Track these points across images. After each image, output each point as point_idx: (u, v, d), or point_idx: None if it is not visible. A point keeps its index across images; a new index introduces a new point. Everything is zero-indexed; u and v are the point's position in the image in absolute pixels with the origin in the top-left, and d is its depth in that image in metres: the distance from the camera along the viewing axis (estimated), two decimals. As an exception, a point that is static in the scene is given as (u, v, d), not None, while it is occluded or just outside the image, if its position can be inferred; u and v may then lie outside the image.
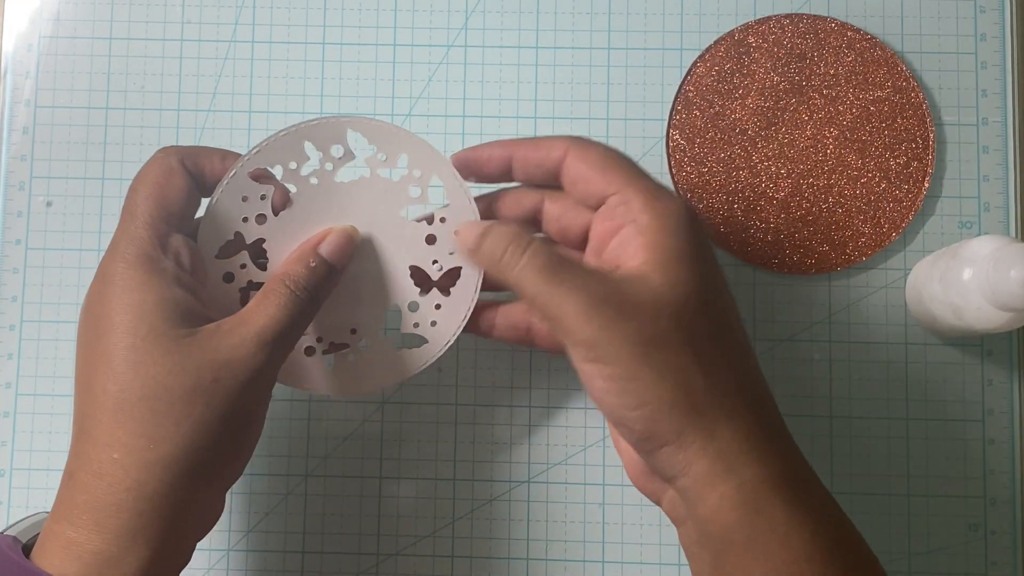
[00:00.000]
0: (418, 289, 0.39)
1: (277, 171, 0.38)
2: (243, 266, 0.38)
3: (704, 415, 0.32)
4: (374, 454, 0.45)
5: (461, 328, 0.39)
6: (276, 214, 0.38)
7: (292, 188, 0.38)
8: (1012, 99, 0.46)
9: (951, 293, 0.40)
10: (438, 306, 0.39)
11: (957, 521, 0.44)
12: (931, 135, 0.46)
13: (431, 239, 0.39)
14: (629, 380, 0.32)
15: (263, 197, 0.37)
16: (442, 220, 0.38)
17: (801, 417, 0.45)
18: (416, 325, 0.39)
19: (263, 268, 0.38)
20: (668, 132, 0.46)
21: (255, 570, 0.45)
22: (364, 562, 0.45)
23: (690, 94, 0.46)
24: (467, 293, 0.39)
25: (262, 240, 0.38)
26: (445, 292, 0.39)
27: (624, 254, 0.34)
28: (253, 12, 0.48)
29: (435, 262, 0.39)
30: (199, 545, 0.38)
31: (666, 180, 0.46)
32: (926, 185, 0.46)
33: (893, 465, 0.45)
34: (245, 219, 0.38)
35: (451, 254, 0.39)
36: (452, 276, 0.39)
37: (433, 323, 0.39)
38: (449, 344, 0.39)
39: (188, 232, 0.37)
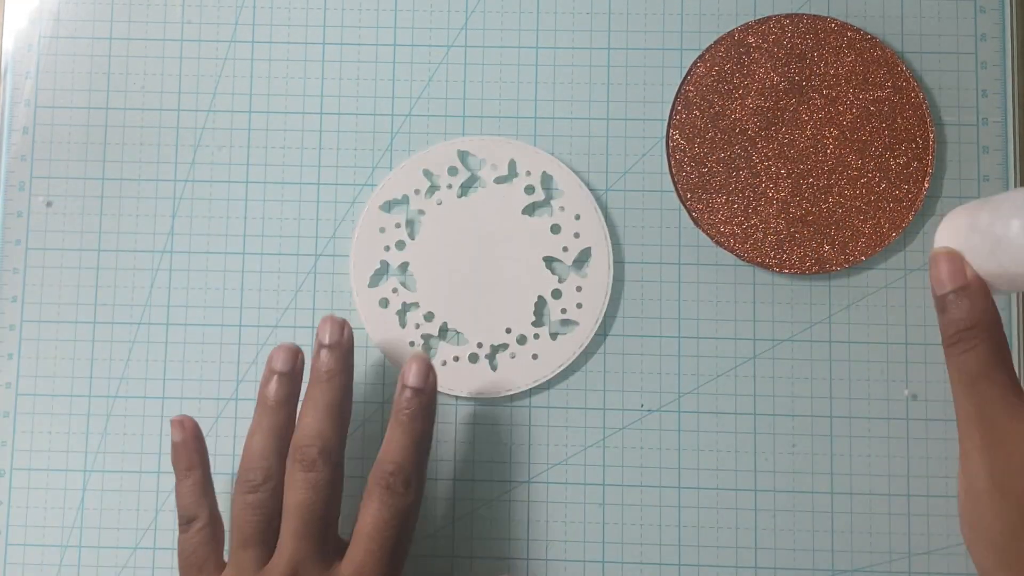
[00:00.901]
0: (556, 276, 0.43)
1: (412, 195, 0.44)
2: (395, 290, 0.43)
3: None
4: (374, 454, 0.45)
5: (606, 304, 0.43)
6: (413, 239, 0.43)
7: (423, 212, 0.43)
8: (1012, 99, 0.46)
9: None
10: (579, 288, 0.42)
11: (957, 521, 0.44)
12: (931, 135, 0.46)
13: (556, 228, 0.43)
14: None
15: (397, 225, 0.43)
16: (561, 208, 0.43)
17: (801, 417, 0.45)
18: (563, 311, 0.43)
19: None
20: (668, 132, 0.46)
21: (255, 570, 0.45)
22: (364, 562, 0.45)
23: (690, 94, 0.46)
24: (602, 267, 0.43)
25: (407, 264, 0.43)
26: (581, 273, 0.43)
27: None
28: (253, 12, 0.48)
29: (565, 249, 0.43)
30: (199, 545, 0.38)
31: (666, 180, 0.46)
32: (926, 185, 0.46)
33: (893, 465, 0.45)
34: (387, 248, 0.43)
35: (576, 236, 0.43)
36: (584, 256, 0.44)
37: (579, 305, 0.43)
38: (599, 321, 0.43)
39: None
